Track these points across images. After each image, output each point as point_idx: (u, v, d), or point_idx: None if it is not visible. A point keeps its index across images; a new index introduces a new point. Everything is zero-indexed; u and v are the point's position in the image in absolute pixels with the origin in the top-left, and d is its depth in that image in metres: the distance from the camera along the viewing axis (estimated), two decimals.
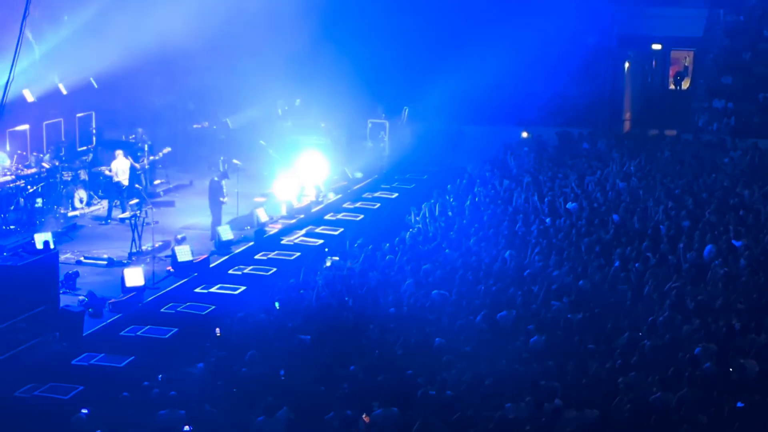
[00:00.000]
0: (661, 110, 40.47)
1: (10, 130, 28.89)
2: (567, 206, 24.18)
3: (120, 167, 26.74)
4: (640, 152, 30.31)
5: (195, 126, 34.54)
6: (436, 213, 24.82)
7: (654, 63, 44.81)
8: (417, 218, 24.87)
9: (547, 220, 23.20)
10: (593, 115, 35.84)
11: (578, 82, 35.71)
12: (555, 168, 28.97)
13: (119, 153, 27.02)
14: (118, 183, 26.62)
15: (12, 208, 24.67)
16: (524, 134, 34.63)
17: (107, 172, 26.82)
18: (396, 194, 30.08)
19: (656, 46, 41.11)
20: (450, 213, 24.82)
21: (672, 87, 44.94)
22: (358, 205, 28.54)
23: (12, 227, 24.35)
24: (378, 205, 28.74)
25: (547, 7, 34.43)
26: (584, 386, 14.38)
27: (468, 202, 25.37)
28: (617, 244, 21.02)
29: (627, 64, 39.86)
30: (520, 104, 34.58)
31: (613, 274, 19.13)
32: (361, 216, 27.33)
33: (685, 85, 43.77)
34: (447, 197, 26.43)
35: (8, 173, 25.23)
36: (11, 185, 24.69)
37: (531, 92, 34.73)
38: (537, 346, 16.05)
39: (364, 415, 13.47)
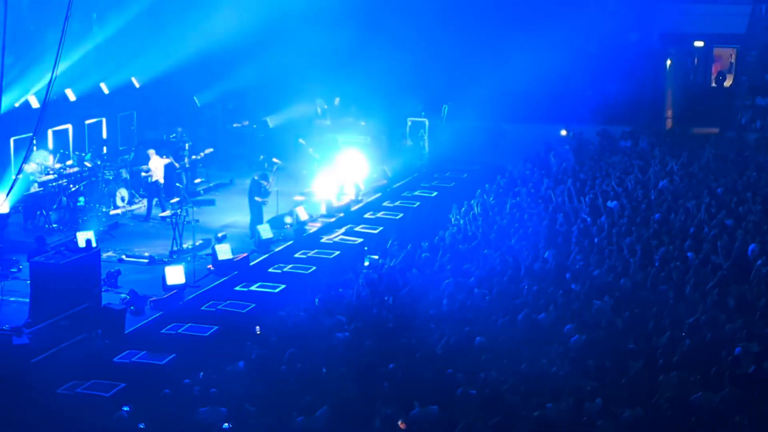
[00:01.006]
0: (703, 108, 40.03)
1: (53, 129, 29.19)
2: (608, 205, 24.00)
3: (155, 166, 26.93)
4: (682, 150, 29.99)
5: (235, 125, 34.68)
6: (477, 212, 24.73)
7: (696, 60, 44.34)
8: (457, 217, 24.79)
9: (588, 219, 23.04)
10: (635, 113, 35.53)
11: (620, 80, 35.39)
12: (596, 166, 28.76)
13: (152, 152, 27.21)
14: (156, 182, 26.81)
15: (55, 207, 24.92)
16: (563, 132, 34.43)
17: (143, 173, 27.00)
18: (435, 193, 30.01)
19: (698, 44, 40.70)
20: (490, 212, 24.71)
21: (714, 85, 44.47)
22: (397, 203, 28.50)
23: (55, 226, 24.58)
24: (418, 203, 28.69)
25: (589, 5, 34.22)
26: (625, 385, 14.26)
27: (508, 201, 25.25)
28: (659, 243, 20.83)
29: (669, 62, 39.49)
30: (561, 102, 34.37)
31: (655, 273, 18.95)
32: (401, 215, 27.30)
33: (728, 82, 43.26)
34: (487, 196, 26.32)
35: (51, 172, 25.46)
36: (54, 184, 24.92)
37: (572, 90, 34.51)
38: (577, 345, 15.94)
39: (399, 422, 13.42)
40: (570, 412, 13.48)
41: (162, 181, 26.89)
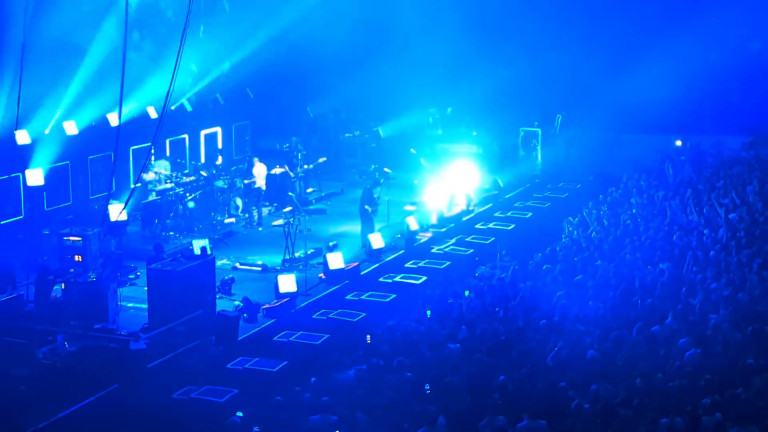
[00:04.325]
0: None
1: (170, 139, 29.84)
2: (727, 217, 23.41)
3: (258, 173, 27.32)
4: None
5: (347, 135, 34.93)
6: (590, 223, 24.38)
7: None
8: (570, 228, 24.48)
9: (705, 231, 22.51)
10: (755, 123, 34.63)
11: (739, 89, 34.59)
12: (714, 177, 28.10)
13: (255, 159, 27.66)
14: (258, 188, 27.21)
15: (171, 215, 25.40)
16: (678, 142, 33.78)
17: (246, 181, 27.37)
18: (548, 203, 29.72)
19: None
20: (605, 223, 24.35)
21: None
22: (509, 214, 28.30)
23: (171, 234, 25.06)
24: (530, 214, 28.44)
25: (710, 14, 33.51)
26: (744, 401, 13.86)
27: (623, 213, 24.84)
28: None
29: None
30: (678, 112, 33.73)
31: None
32: (513, 225, 27.09)
33: None
34: (601, 207, 25.95)
35: (168, 181, 25.99)
36: (171, 193, 25.42)
37: (690, 100, 33.85)
38: (693, 359, 15.56)
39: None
40: (685, 428, 13.15)
41: (264, 187, 27.30)
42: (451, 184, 28.31)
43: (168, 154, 29.43)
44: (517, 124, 33.58)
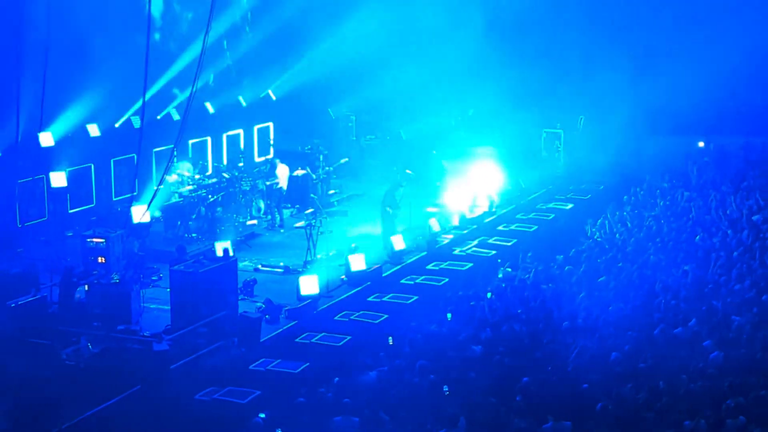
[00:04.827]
0: None
1: (193, 141, 29.94)
2: (751, 219, 23.28)
3: (281, 175, 27.39)
4: None
5: (368, 137, 34.94)
6: (613, 224, 24.30)
7: None
8: (593, 230, 24.40)
9: (729, 232, 22.39)
10: None
11: (763, 91, 34.37)
12: (738, 179, 27.95)
13: (278, 161, 27.74)
14: (280, 190, 27.28)
15: (194, 216, 25.47)
16: (701, 144, 33.61)
17: (267, 183, 27.44)
18: (571, 205, 29.62)
19: None
20: (628, 224, 24.26)
21: None
22: (531, 215, 28.23)
23: (194, 235, 25.13)
24: (552, 216, 28.36)
25: (732, 14, 33.34)
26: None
27: (646, 214, 24.74)
28: None
29: None
30: (702, 114, 33.56)
31: None
32: (535, 227, 27.02)
33: None
34: (624, 208, 25.85)
35: (191, 183, 26.07)
36: (193, 195, 25.50)
37: (714, 101, 33.67)
38: (717, 361, 15.48)
39: None
40: (709, 430, 13.08)
41: (285, 188, 27.37)
42: (473, 185, 28.26)
43: (190, 155, 29.52)
44: (539, 125, 33.49)
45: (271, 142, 33.28)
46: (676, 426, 13.25)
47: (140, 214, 22.68)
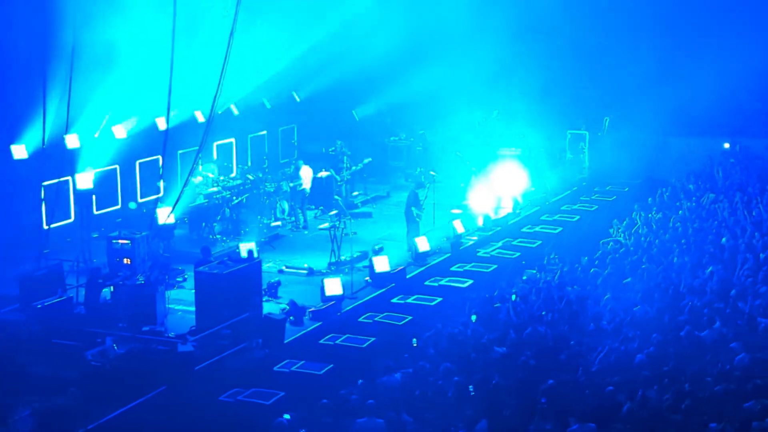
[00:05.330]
0: None
1: (218, 143, 30.03)
2: None
3: (305, 176, 27.44)
4: None
5: (392, 138, 34.95)
6: (638, 226, 24.19)
7: None
8: (618, 231, 24.30)
9: (756, 234, 22.24)
10: None
11: None
12: (764, 180, 27.75)
13: (301, 162, 27.82)
14: (304, 190, 27.35)
15: (218, 218, 25.56)
16: (726, 145, 33.41)
17: (291, 184, 27.49)
18: (596, 207, 29.54)
19: None
20: (654, 226, 24.15)
21: None
22: (556, 217, 28.16)
23: (218, 237, 25.21)
24: (577, 217, 28.28)
25: (758, 14, 33.13)
26: None
27: (671, 216, 24.62)
28: None
29: None
30: (727, 115, 33.36)
31: None
32: (560, 229, 26.95)
33: None
34: (649, 210, 25.73)
35: (215, 185, 26.16)
36: (218, 196, 25.58)
37: (739, 103, 33.47)
38: (742, 364, 15.38)
39: None
40: None
41: (309, 189, 27.42)
42: (497, 187, 28.20)
43: (215, 157, 29.62)
44: (564, 126, 33.41)
45: (295, 143, 33.38)
46: (702, 428, 13.18)
47: (165, 215, 22.78)
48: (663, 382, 14.69)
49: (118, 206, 26.99)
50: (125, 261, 21.56)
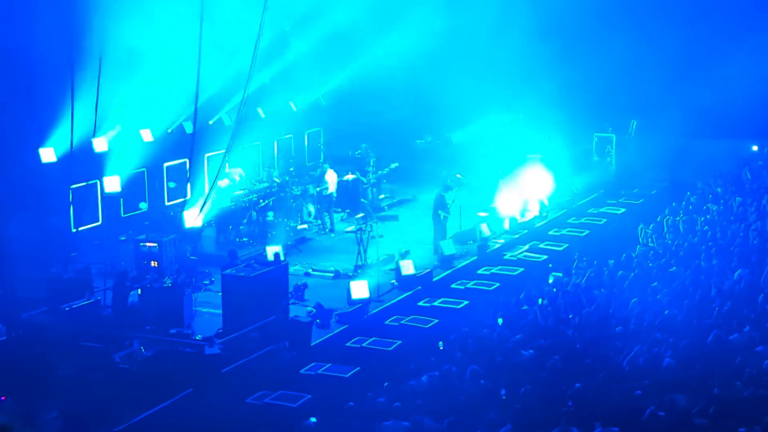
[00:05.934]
0: None
1: (245, 146, 30.12)
2: None
3: (331, 179, 27.48)
4: None
5: (419, 141, 34.92)
6: (666, 229, 24.06)
7: None
8: (646, 234, 24.17)
9: None
10: None
11: None
12: None
13: (327, 166, 27.88)
14: (330, 195, 27.37)
15: (245, 221, 25.63)
16: (755, 148, 33.19)
17: (317, 188, 27.54)
18: (623, 210, 29.42)
19: None
20: (681, 229, 24.01)
21: None
22: (583, 220, 28.06)
23: (245, 240, 25.28)
24: (604, 220, 28.18)
25: None
26: None
27: (699, 219, 24.47)
28: None
29: None
30: (755, 117, 33.12)
31: None
32: (587, 232, 26.86)
33: None
34: (677, 213, 25.58)
35: (242, 188, 26.24)
36: (245, 200, 25.66)
37: (765, 104, 33.21)
38: None
39: None
40: None
41: (335, 193, 27.45)
42: (524, 190, 28.14)
43: (242, 161, 29.71)
44: (591, 129, 33.29)
45: (322, 147, 33.44)
46: None
47: (192, 218, 22.87)
48: (691, 386, 14.60)
49: (146, 209, 27.12)
50: (153, 264, 21.69)
